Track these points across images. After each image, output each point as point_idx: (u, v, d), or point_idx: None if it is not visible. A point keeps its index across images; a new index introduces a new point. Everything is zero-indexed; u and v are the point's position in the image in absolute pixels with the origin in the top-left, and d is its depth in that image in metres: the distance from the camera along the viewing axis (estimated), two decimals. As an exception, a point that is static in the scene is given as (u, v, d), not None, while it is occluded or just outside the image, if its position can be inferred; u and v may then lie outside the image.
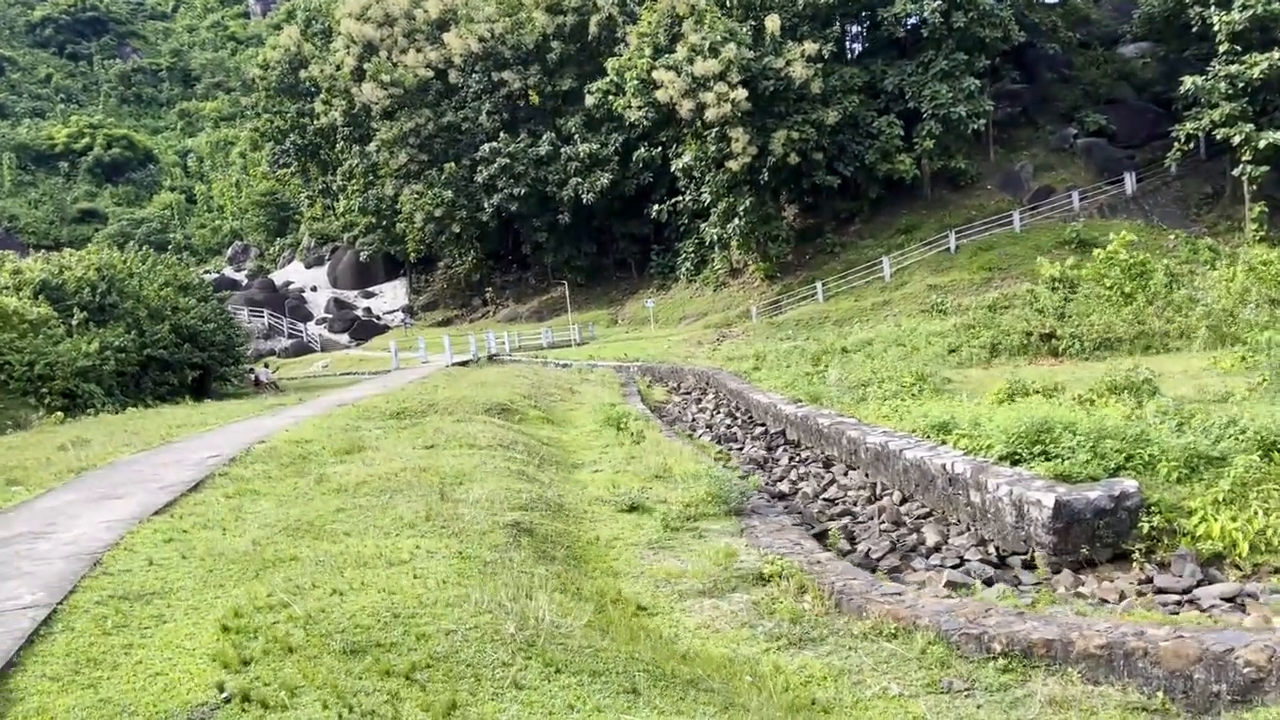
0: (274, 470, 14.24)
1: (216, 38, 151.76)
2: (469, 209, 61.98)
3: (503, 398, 23.03)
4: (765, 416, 23.16)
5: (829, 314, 45.25)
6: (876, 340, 34.30)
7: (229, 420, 22.52)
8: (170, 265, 39.33)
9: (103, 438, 20.26)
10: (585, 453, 18.30)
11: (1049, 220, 47.13)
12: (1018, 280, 43.33)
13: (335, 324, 70.85)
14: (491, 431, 17.79)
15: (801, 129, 45.83)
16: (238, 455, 15.37)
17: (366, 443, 16.49)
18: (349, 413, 21.95)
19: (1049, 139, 52.31)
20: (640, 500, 11.75)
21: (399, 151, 62.82)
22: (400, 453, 15.11)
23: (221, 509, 11.39)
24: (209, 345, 35.91)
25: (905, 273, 46.35)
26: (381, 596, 7.33)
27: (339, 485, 12.05)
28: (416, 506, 10.33)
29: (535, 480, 12.99)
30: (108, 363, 29.91)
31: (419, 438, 17.15)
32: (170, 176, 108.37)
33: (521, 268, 71.19)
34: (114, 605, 7.50)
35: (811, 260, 51.79)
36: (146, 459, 15.96)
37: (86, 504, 12.00)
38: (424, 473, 12.62)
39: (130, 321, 33.01)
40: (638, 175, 59.29)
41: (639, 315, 58.12)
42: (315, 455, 15.71)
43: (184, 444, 17.89)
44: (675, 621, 7.94)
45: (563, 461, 16.89)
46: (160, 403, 32.18)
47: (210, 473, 13.72)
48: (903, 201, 51.58)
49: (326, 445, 16.50)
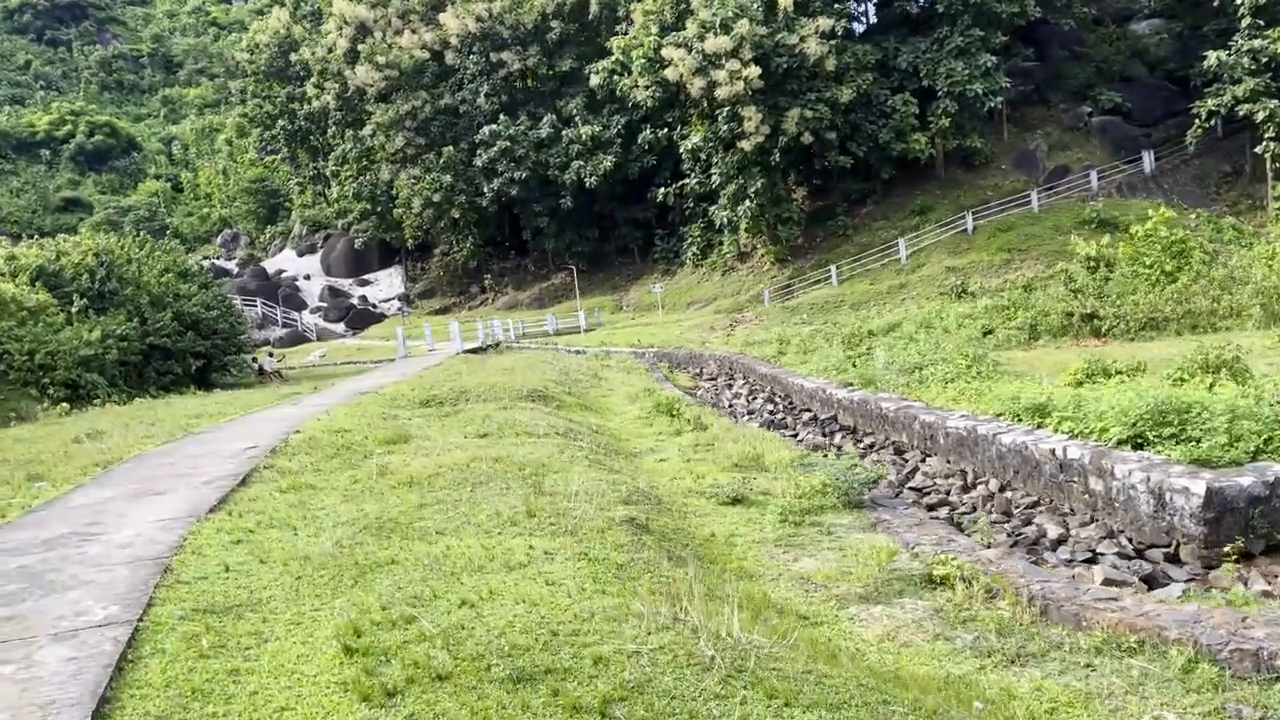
0: (321, 462, 13.12)
1: (198, 23, 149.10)
2: (468, 193, 60.58)
3: (536, 384, 21.91)
4: (811, 401, 22.13)
5: (844, 298, 44.24)
6: (905, 323, 33.33)
7: (247, 410, 21.33)
8: (169, 251, 37.94)
9: (118, 429, 19.04)
10: (639, 440, 17.22)
11: (1067, 200, 46.23)
12: (1038, 261, 42.45)
13: (330, 313, 69.34)
14: (541, 419, 16.68)
15: (815, 107, 44.70)
16: (276, 446, 14.23)
17: (411, 431, 15.36)
18: (376, 401, 20.79)
19: (1062, 117, 51.37)
20: (742, 492, 10.68)
21: (395, 135, 61.32)
22: (456, 442, 13.98)
23: (281, 505, 10.27)
24: (212, 334, 34.59)
25: (921, 255, 45.36)
26: (522, 609, 6.24)
27: (407, 478, 10.91)
28: (511, 501, 9.22)
29: (616, 471, 11.91)
30: (110, 352, 28.62)
31: (467, 426, 16.02)
32: (155, 164, 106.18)
33: (520, 254, 69.83)
34: (202, 621, 6.40)
35: (822, 243, 50.73)
36: (176, 451, 14.80)
37: (128, 501, 10.84)
38: (498, 463, 11.50)
39: (131, 309, 31.68)
40: (641, 158, 58.02)
41: (645, 301, 56.96)
42: (359, 445, 14.59)
43: (209, 435, 16.72)
44: (848, 633, 6.88)
45: (620, 450, 15.81)
46: (164, 393, 30.88)
47: (254, 465, 12.58)
48: (916, 182, 50.55)
49: (369, 435, 15.36)
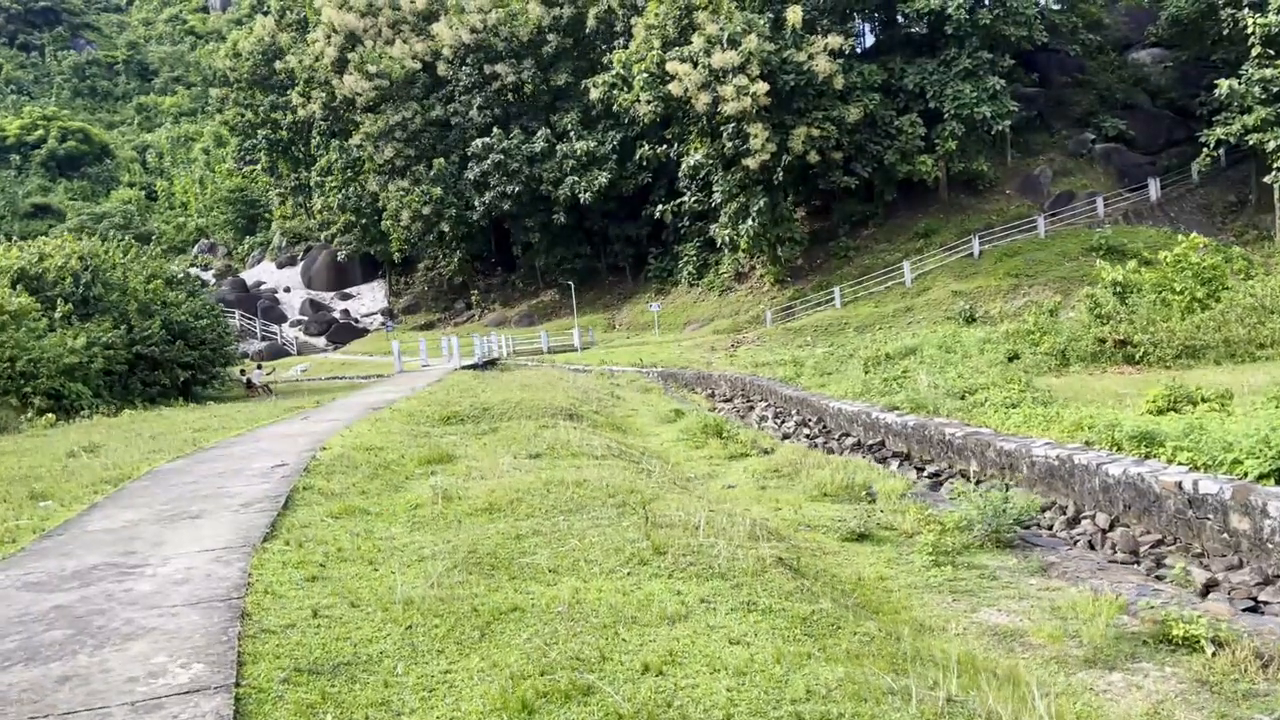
0: (363, 483, 11.75)
1: (175, 31, 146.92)
2: (458, 207, 59.17)
3: (561, 401, 20.59)
4: (852, 425, 20.95)
5: (848, 320, 43.28)
6: (925, 346, 32.30)
7: (254, 425, 19.84)
8: (155, 256, 36.28)
9: (115, 443, 17.53)
10: (690, 464, 15.96)
11: (1073, 226, 45.63)
12: (1046, 287, 41.78)
13: (311, 326, 67.49)
14: (587, 439, 15.37)
15: (822, 126, 43.86)
16: (307, 464, 12.83)
17: (452, 451, 14.00)
18: (395, 417, 19.38)
19: (1065, 144, 50.92)
20: (868, 527, 9.43)
21: (385, 146, 59.85)
22: (509, 464, 12.64)
23: (341, 534, 8.92)
24: (200, 343, 32.94)
25: (927, 278, 44.54)
26: (727, 680, 4.95)
27: (485, 504, 9.57)
28: (627, 534, 7.92)
29: (712, 500, 10.63)
30: (95, 360, 26.96)
31: (512, 445, 14.68)
32: (129, 172, 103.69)
33: (507, 270, 68.42)
34: (313, 686, 5.07)
35: (823, 265, 49.83)
36: (192, 469, 13.35)
37: (159, 525, 9.43)
38: (579, 487, 10.19)
39: (117, 316, 30.04)
40: (636, 175, 56.98)
41: (639, 320, 55.76)
42: (397, 465, 13.23)
43: (223, 451, 15.26)
44: (1098, 709, 5.63)
45: (678, 476, 14.52)
46: (150, 405, 29.23)
47: (290, 486, 11.19)
48: (918, 205, 49.83)
49: (404, 453, 14.00)
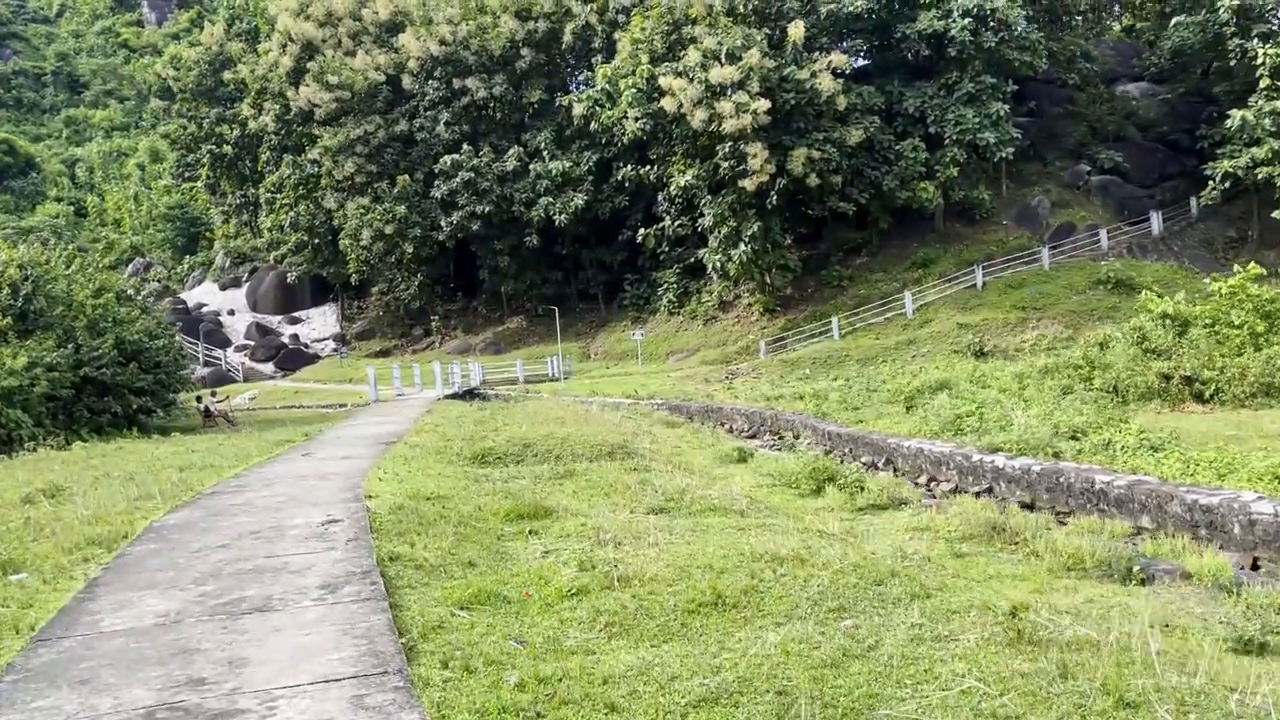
0: (455, 548, 8.66)
1: (107, 44, 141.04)
2: (423, 226, 55.76)
3: (611, 438, 17.58)
4: (941, 469, 18.30)
5: (848, 352, 40.92)
6: (957, 381, 29.92)
7: (249, 463, 16.47)
8: (101, 267, 32.45)
9: (83, 486, 14.07)
10: (810, 518, 13.07)
11: (1076, 259, 44.03)
12: (1054, 320, 39.98)
13: (258, 351, 63.16)
14: (694, 487, 12.42)
15: (823, 148, 41.64)
16: (367, 521, 9.70)
17: (542, 502, 10.94)
18: (422, 455, 16.20)
19: (1060, 175, 49.54)
20: (1258, 634, 6.63)
21: (344, 161, 56.27)
22: (629, 520, 9.64)
23: (500, 641, 5.90)
24: (154, 366, 29.17)
25: (929, 310, 42.45)
26: None
27: (688, 593, 6.55)
28: (994, 662, 5.02)
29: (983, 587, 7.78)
30: (38, 383, 23.21)
31: (608, 493, 11.68)
32: (57, 186, 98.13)
33: (468, 295, 64.98)
34: None
35: (815, 294, 47.53)
36: (210, 525, 10.08)
37: (219, 625, 6.24)
38: (800, 565, 7.26)
39: (61, 333, 26.25)
40: (613, 197, 54.28)
41: (615, 349, 52.83)
42: (478, 521, 10.16)
43: (235, 499, 11.97)
44: None
45: (850, 537, 11.63)
46: (98, 435, 25.48)
47: (373, 554, 8.08)
48: (913, 233, 47.91)
49: (480, 505, 10.92)
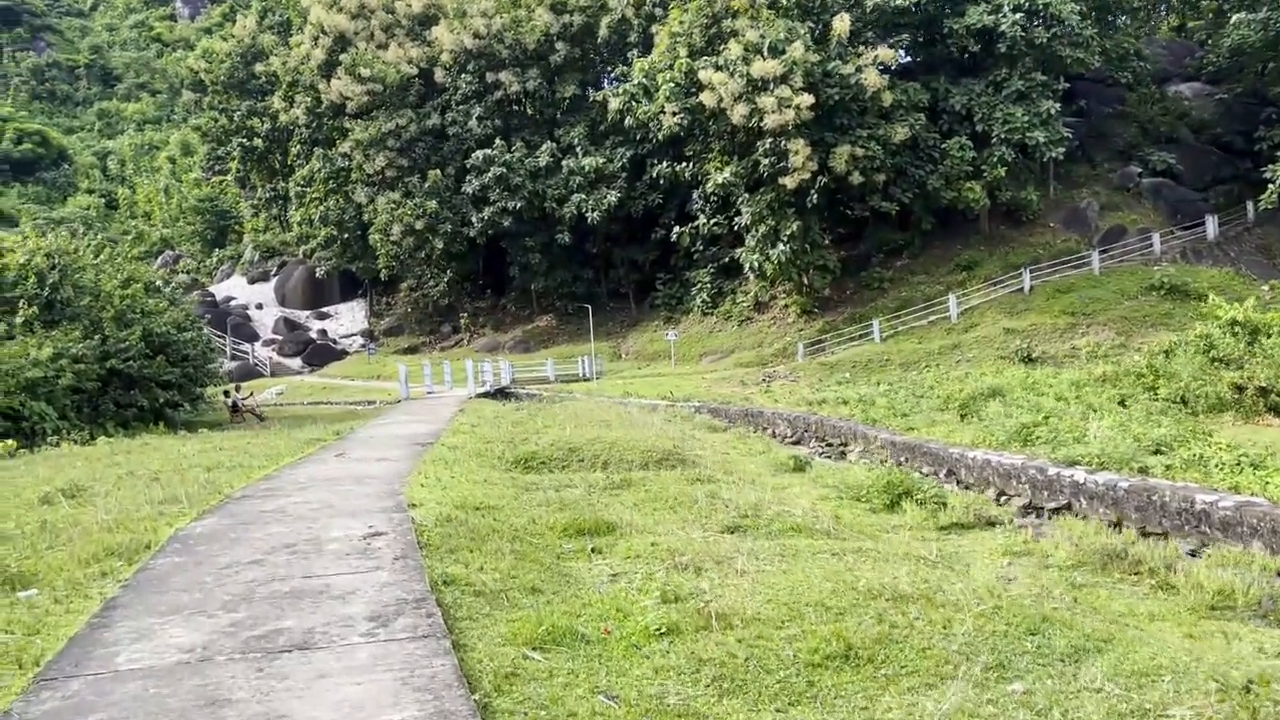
0: (515, 569, 7.66)
1: (140, 38, 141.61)
2: (454, 222, 54.97)
3: (662, 443, 16.56)
4: (1010, 483, 17.14)
5: (889, 356, 39.72)
6: (1010, 388, 28.70)
7: (279, 463, 15.57)
8: (130, 258, 31.79)
9: (102, 483, 13.22)
10: (891, 536, 12.01)
11: (1127, 263, 42.59)
12: (1105, 327, 38.63)
13: (286, 346, 62.61)
14: (765, 501, 11.40)
15: (867, 145, 40.46)
16: (414, 535, 8.73)
17: (602, 516, 9.95)
18: (462, 459, 15.25)
19: (1109, 177, 48.07)
20: None
21: (375, 154, 55.58)
22: (704, 540, 8.64)
23: (588, 697, 4.90)
24: (182, 360, 28.44)
25: (974, 314, 41.17)
26: None
27: (805, 640, 5.56)
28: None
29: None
30: (63, 375, 22.45)
31: (673, 507, 10.67)
32: (88, 178, 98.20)
33: (497, 293, 64.19)
34: None
35: (853, 295, 46.32)
36: (239, 535, 9.14)
37: (251, 667, 5.27)
38: (931, 607, 6.23)
39: (89, 324, 25.52)
40: (646, 195, 53.32)
41: (647, 349, 51.81)
42: (533, 536, 9.16)
43: (266, 504, 11.05)
44: None
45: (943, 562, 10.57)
46: (124, 430, 24.74)
47: (425, 577, 7.11)
48: (957, 235, 46.62)
49: (534, 518, 9.93)
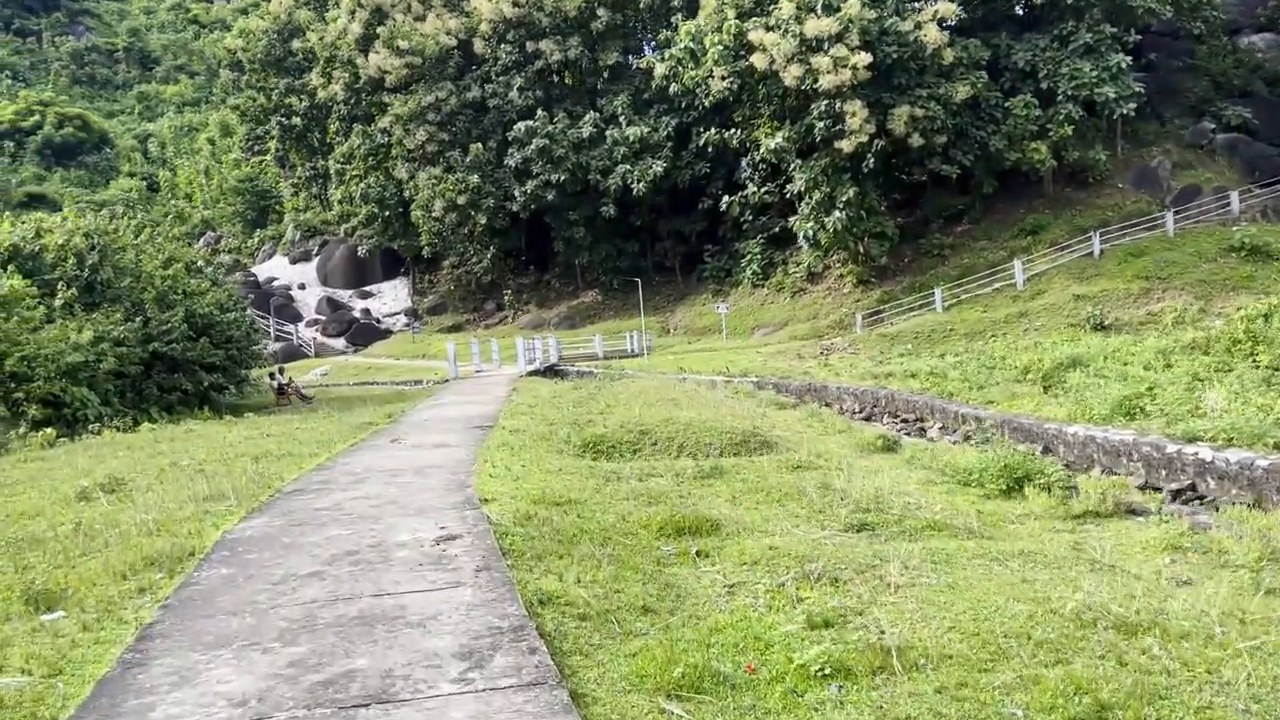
0: (616, 584, 6.47)
1: (177, 20, 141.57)
2: (496, 197, 53.84)
3: (739, 424, 15.32)
4: (1119, 461, 15.74)
5: (953, 326, 38.12)
6: (1091, 357, 27.10)
7: (330, 451, 14.52)
8: (171, 238, 30.97)
9: (147, 478, 12.21)
10: (1028, 537, 10.68)
11: (1203, 224, 40.53)
12: (1182, 292, 36.73)
13: (329, 326, 62.04)
14: (883, 493, 10.13)
15: (926, 105, 38.69)
16: (495, 541, 7.55)
17: (707, 512, 8.72)
18: (526, 444, 14.10)
19: (1181, 134, 45.83)
20: None
21: (415, 129, 54.51)
22: (823, 539, 7.39)
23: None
24: (226, 341, 27.59)
25: (1040, 280, 39.38)
26: None
27: (1088, 706, 4.29)
28: None
29: None
30: (105, 359, 21.61)
31: (779, 500, 9.45)
32: (129, 161, 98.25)
33: (540, 269, 63.05)
34: None
35: (912, 264, 44.62)
36: (292, 539, 7.99)
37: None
38: (1169, 637, 4.97)
39: (130, 306, 24.70)
40: (693, 164, 51.81)
41: (696, 323, 50.48)
42: (625, 537, 7.94)
43: (321, 500, 9.92)
44: None
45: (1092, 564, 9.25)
46: (168, 415, 23.92)
47: (516, 597, 5.93)
48: (1020, 198, 44.70)
49: (625, 515, 8.71)
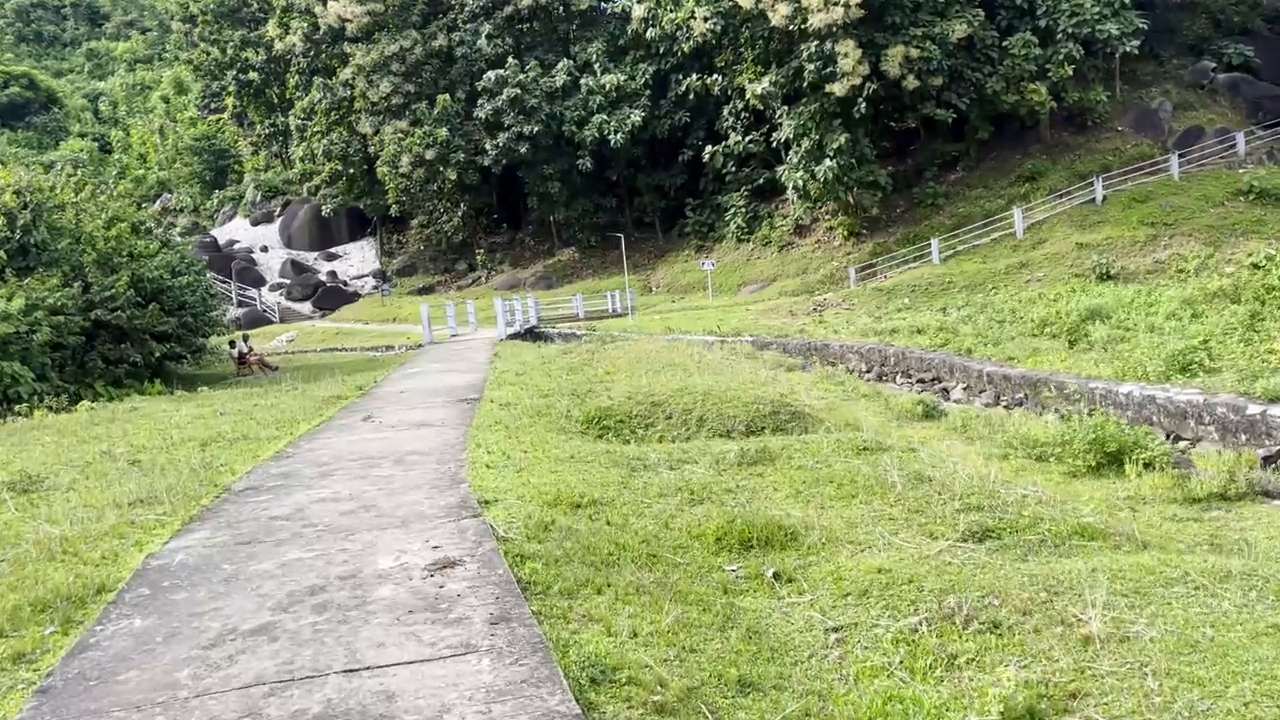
0: (687, 629, 4.59)
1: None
2: (466, 151, 51.36)
3: (766, 392, 13.43)
4: (1186, 424, 14.06)
5: (951, 278, 36.38)
6: (1110, 308, 25.48)
7: (294, 432, 12.48)
8: (117, 195, 28.49)
9: (70, 473, 10.16)
10: (1129, 515, 8.92)
11: (1207, 167, 38.92)
12: (1190, 238, 35.16)
13: (294, 290, 59.43)
14: (1014, 488, 8.31)
15: (922, 45, 36.65)
16: (502, 564, 5.63)
17: (768, 512, 6.83)
18: (522, 421, 12.15)
19: (1180, 74, 44.08)
20: None
21: (379, 80, 51.76)
22: (935, 553, 5.55)
23: None
24: (179, 308, 25.31)
25: (1041, 229, 37.68)
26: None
27: None
28: None
29: None
30: (39, 329, 19.36)
31: (844, 492, 7.59)
32: (79, 121, 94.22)
33: (513, 226, 60.74)
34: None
35: (905, 214, 42.76)
36: (243, 570, 5.96)
37: None
38: None
39: (69, 270, 22.37)
40: (672, 114, 49.52)
41: (679, 281, 48.47)
42: (670, 552, 6.08)
43: (281, 501, 7.92)
44: None
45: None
46: (116, 389, 21.75)
47: (554, 662, 4.00)
48: (1015, 144, 42.86)
49: (666, 518, 6.80)
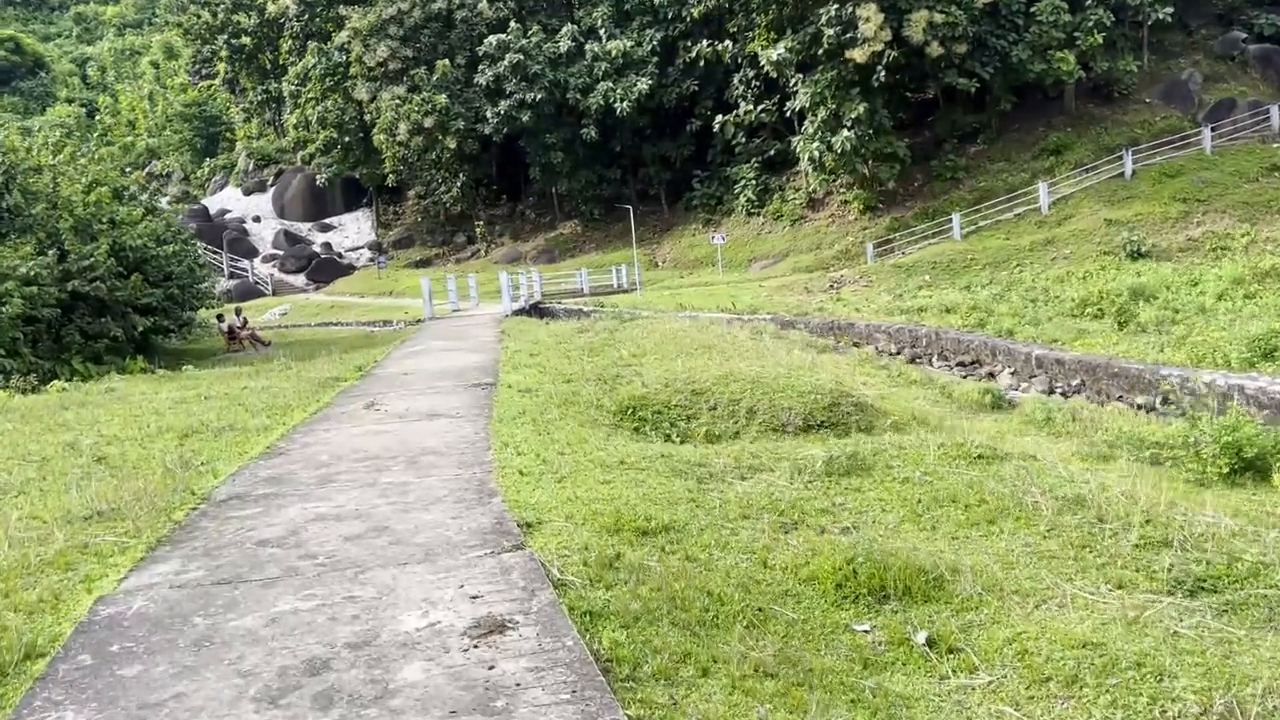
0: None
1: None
2: (466, 119, 49.56)
3: (818, 380, 11.96)
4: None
5: (973, 255, 34.93)
6: (1154, 288, 24.05)
7: (287, 421, 10.96)
8: (98, 159, 26.81)
9: (24, 468, 8.65)
10: None
11: (1242, 141, 37.42)
12: (1224, 214, 33.75)
13: (287, 262, 57.66)
14: (1170, 510, 6.85)
15: (946, 10, 35.00)
16: (567, 626, 4.12)
17: (901, 553, 5.35)
18: (551, 409, 10.65)
19: (1209, 45, 42.48)
20: None
21: (376, 45, 49.87)
22: (1172, 625, 4.08)
23: None
24: (164, 279, 23.71)
25: (1067, 204, 36.22)
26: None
27: None
28: None
29: None
30: (9, 301, 17.81)
31: (979, 516, 6.14)
32: (67, 87, 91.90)
33: (513, 198, 59.01)
34: None
35: (923, 188, 41.19)
36: (217, 621, 4.39)
37: None
38: None
39: (44, 237, 20.77)
40: (680, 82, 47.79)
41: (686, 256, 46.89)
42: (786, 599, 4.60)
43: (269, 528, 6.33)
44: None
45: None
46: (96, 365, 20.21)
47: None
48: (1039, 116, 41.28)
49: (765, 555, 5.32)
